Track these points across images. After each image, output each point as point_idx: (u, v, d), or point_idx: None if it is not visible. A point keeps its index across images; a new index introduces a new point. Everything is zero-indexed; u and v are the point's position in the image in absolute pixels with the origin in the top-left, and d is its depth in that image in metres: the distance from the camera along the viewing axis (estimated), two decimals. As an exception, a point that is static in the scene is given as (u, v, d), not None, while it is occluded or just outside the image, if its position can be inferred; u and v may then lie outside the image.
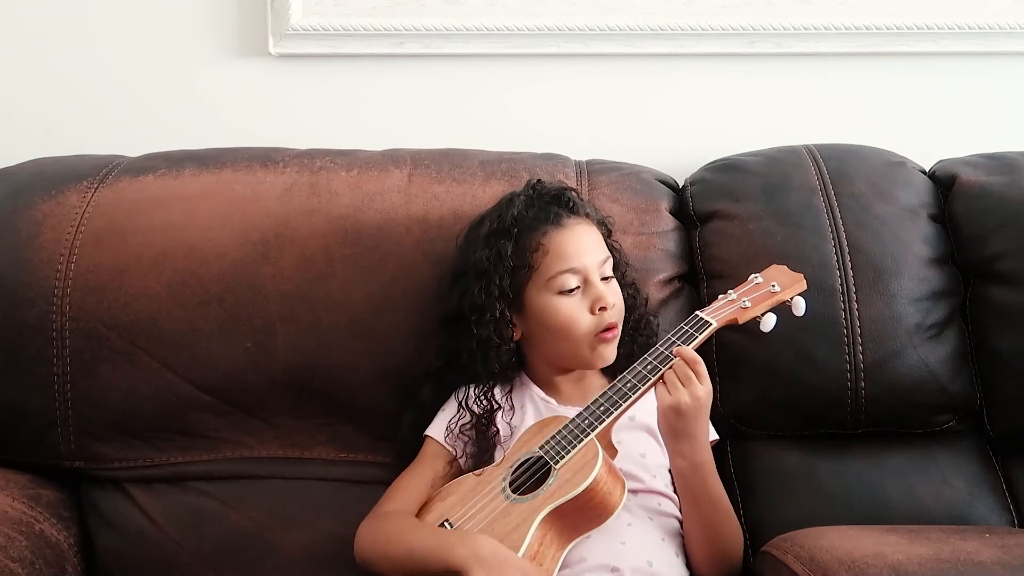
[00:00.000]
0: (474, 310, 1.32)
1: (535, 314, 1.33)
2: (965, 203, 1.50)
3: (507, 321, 1.33)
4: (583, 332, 1.31)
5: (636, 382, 1.23)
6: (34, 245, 1.45)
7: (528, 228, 1.33)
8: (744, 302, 1.28)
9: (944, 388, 1.42)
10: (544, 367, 1.37)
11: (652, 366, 1.24)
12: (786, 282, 1.30)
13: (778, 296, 1.28)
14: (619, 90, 1.79)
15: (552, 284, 1.31)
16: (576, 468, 1.19)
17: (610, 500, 1.20)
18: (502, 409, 1.34)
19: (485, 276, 1.32)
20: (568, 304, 1.31)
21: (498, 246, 1.32)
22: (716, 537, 1.27)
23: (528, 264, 1.32)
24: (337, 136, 1.66)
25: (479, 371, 1.33)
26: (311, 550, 1.40)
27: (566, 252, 1.32)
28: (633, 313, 1.39)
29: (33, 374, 1.42)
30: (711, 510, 1.26)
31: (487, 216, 1.38)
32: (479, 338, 1.32)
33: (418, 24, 1.75)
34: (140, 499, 1.44)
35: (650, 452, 1.31)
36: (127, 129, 1.77)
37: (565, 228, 1.34)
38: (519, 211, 1.35)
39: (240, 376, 1.43)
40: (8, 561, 1.26)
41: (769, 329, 1.27)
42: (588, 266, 1.32)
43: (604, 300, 1.30)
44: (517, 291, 1.33)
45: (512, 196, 1.38)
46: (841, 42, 1.77)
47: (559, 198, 1.37)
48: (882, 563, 1.07)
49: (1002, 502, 1.42)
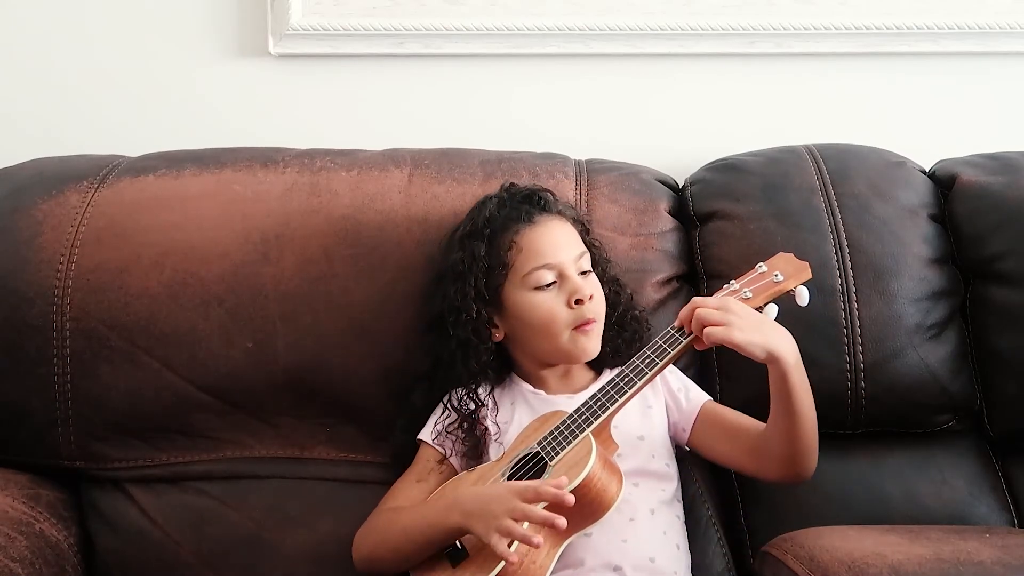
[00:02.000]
0: (452, 312, 1.33)
1: (514, 312, 1.33)
2: (965, 203, 1.50)
3: (484, 321, 1.34)
4: (561, 326, 1.31)
5: (633, 376, 1.23)
6: (34, 245, 1.45)
7: (501, 228, 1.35)
8: (745, 292, 1.26)
9: (944, 388, 1.42)
10: (530, 364, 1.38)
11: (650, 359, 1.24)
12: (790, 271, 1.27)
13: (781, 286, 1.25)
14: (619, 90, 1.79)
15: (528, 280, 1.32)
16: (570, 465, 1.19)
17: (605, 496, 1.19)
18: (486, 407, 1.34)
19: (461, 278, 1.33)
20: (544, 299, 1.32)
21: (472, 247, 1.34)
22: (814, 429, 1.25)
23: (503, 263, 1.33)
24: (337, 136, 1.66)
25: (460, 372, 1.34)
26: (311, 550, 1.40)
27: (539, 248, 1.33)
28: (617, 309, 1.39)
29: (33, 374, 1.42)
30: (810, 402, 1.24)
31: (463, 220, 1.40)
32: (458, 339, 1.33)
33: (418, 24, 1.75)
34: (140, 499, 1.44)
35: (647, 432, 1.32)
36: (127, 129, 1.77)
37: (537, 225, 1.35)
38: (491, 212, 1.36)
39: (240, 376, 1.43)
40: (8, 561, 1.25)
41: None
42: (563, 261, 1.32)
43: (581, 292, 1.31)
44: (495, 291, 1.34)
45: (485, 199, 1.40)
46: (841, 42, 1.77)
47: (531, 198, 1.39)
48: (882, 563, 1.07)
49: (1002, 502, 1.42)
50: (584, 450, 1.20)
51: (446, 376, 1.36)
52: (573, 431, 1.22)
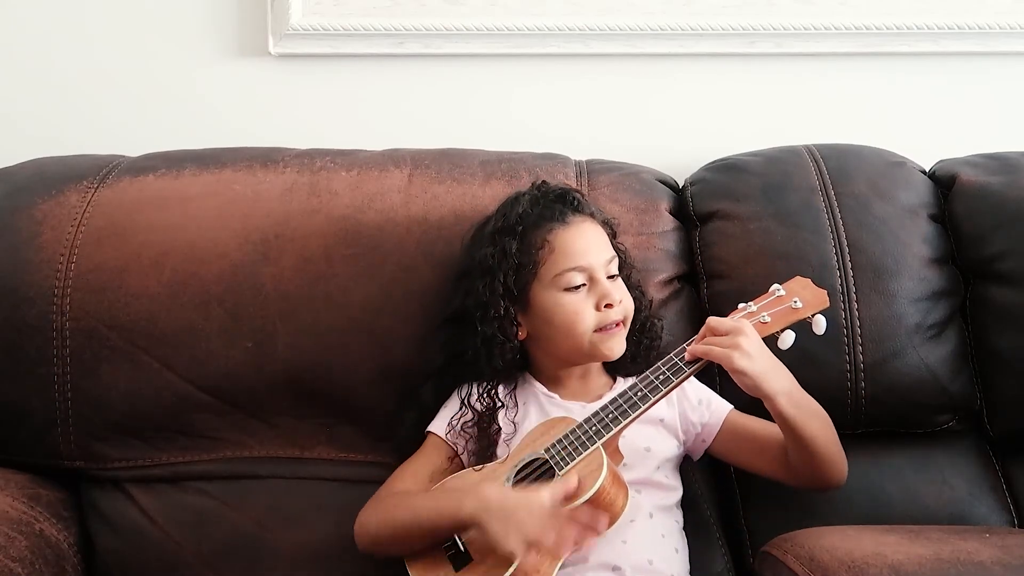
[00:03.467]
0: (479, 307, 1.32)
1: (540, 311, 1.33)
2: (965, 203, 1.50)
3: (511, 319, 1.33)
4: (586, 327, 1.31)
5: (647, 392, 1.22)
6: (34, 245, 1.45)
7: (533, 226, 1.34)
8: (764, 316, 1.25)
9: (944, 388, 1.42)
10: (550, 363, 1.37)
11: (664, 376, 1.23)
12: (808, 298, 1.26)
13: (799, 313, 1.25)
14: (619, 90, 1.79)
15: (558, 281, 1.31)
16: (580, 477, 1.19)
17: (611, 510, 1.20)
18: (505, 407, 1.34)
19: (490, 274, 1.32)
20: (573, 300, 1.31)
21: (503, 243, 1.33)
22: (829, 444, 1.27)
23: (533, 261, 1.32)
24: (337, 136, 1.66)
25: (483, 369, 1.33)
26: (311, 550, 1.40)
27: (572, 249, 1.32)
28: (640, 315, 1.39)
29: (33, 374, 1.42)
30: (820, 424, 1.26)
31: (492, 216, 1.39)
32: (484, 336, 1.32)
33: (418, 24, 1.75)
34: (140, 499, 1.44)
35: (654, 445, 1.31)
36: (127, 129, 1.77)
37: (571, 226, 1.34)
38: (524, 209, 1.35)
39: (240, 376, 1.43)
40: (8, 561, 1.26)
41: (787, 347, 1.24)
42: (594, 264, 1.32)
43: (610, 297, 1.30)
44: (522, 289, 1.32)
45: (517, 195, 1.39)
46: (841, 42, 1.77)
47: (564, 197, 1.38)
48: (882, 563, 1.07)
49: (1002, 502, 1.42)
50: (595, 463, 1.19)
51: (463, 372, 1.35)
52: (584, 442, 1.21)
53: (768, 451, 1.31)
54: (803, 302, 1.25)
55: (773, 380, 1.21)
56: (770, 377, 1.21)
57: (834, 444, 1.28)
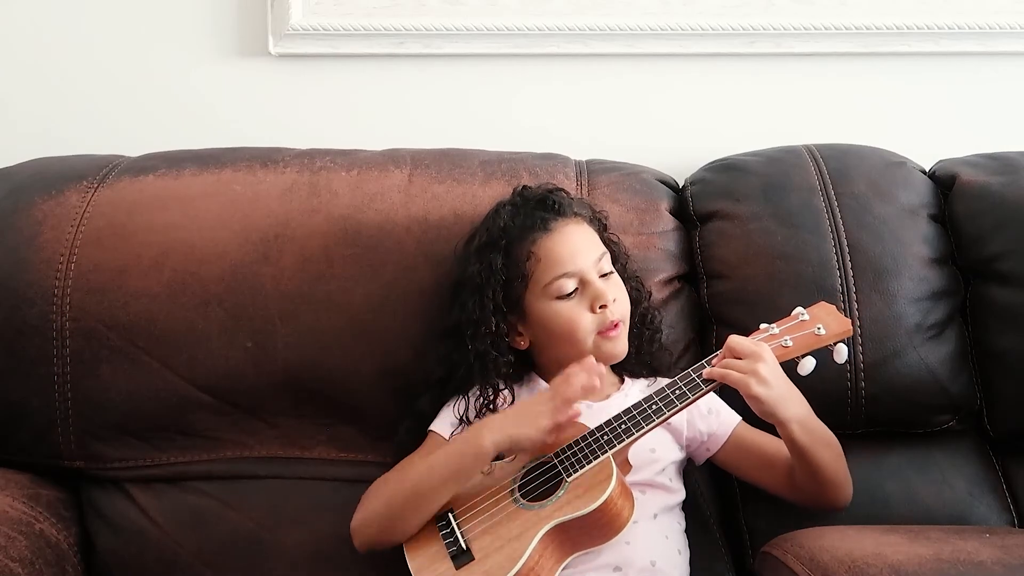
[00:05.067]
0: (470, 324, 1.32)
1: (538, 321, 1.33)
2: (965, 203, 1.50)
3: (504, 333, 1.33)
4: (586, 333, 1.31)
5: (663, 406, 1.22)
6: (34, 245, 1.45)
7: (517, 238, 1.33)
8: (786, 340, 1.24)
9: (944, 388, 1.42)
10: (556, 368, 1.36)
11: (681, 391, 1.23)
12: (833, 325, 1.24)
13: (822, 340, 1.23)
14: (619, 90, 1.79)
15: (549, 290, 1.31)
16: (588, 485, 1.19)
17: (617, 521, 1.20)
18: None
19: (479, 291, 1.32)
20: (567, 308, 1.31)
21: (489, 259, 1.33)
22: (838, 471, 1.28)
23: (522, 274, 1.32)
24: (337, 136, 1.66)
25: (477, 383, 1.34)
26: (311, 550, 1.40)
27: (558, 257, 1.32)
28: (639, 306, 1.39)
29: (33, 374, 1.42)
30: (830, 451, 1.27)
31: (478, 229, 1.39)
32: (476, 351, 1.32)
33: (418, 24, 1.75)
34: (140, 499, 1.44)
35: (660, 447, 1.31)
36: (127, 129, 1.76)
37: (554, 232, 1.34)
38: (506, 222, 1.35)
39: (240, 376, 1.43)
40: (8, 561, 1.26)
41: (807, 373, 1.24)
42: (583, 267, 1.32)
43: (604, 298, 1.30)
44: (517, 301, 1.33)
45: (499, 207, 1.39)
46: (841, 42, 1.77)
47: (544, 202, 1.37)
48: (882, 563, 1.07)
49: (1002, 502, 1.42)
50: (604, 473, 1.19)
51: (460, 386, 1.35)
52: (595, 451, 1.21)
53: (773, 468, 1.32)
54: (827, 329, 1.24)
55: (788, 407, 1.22)
56: (785, 404, 1.21)
57: (842, 471, 1.29)
